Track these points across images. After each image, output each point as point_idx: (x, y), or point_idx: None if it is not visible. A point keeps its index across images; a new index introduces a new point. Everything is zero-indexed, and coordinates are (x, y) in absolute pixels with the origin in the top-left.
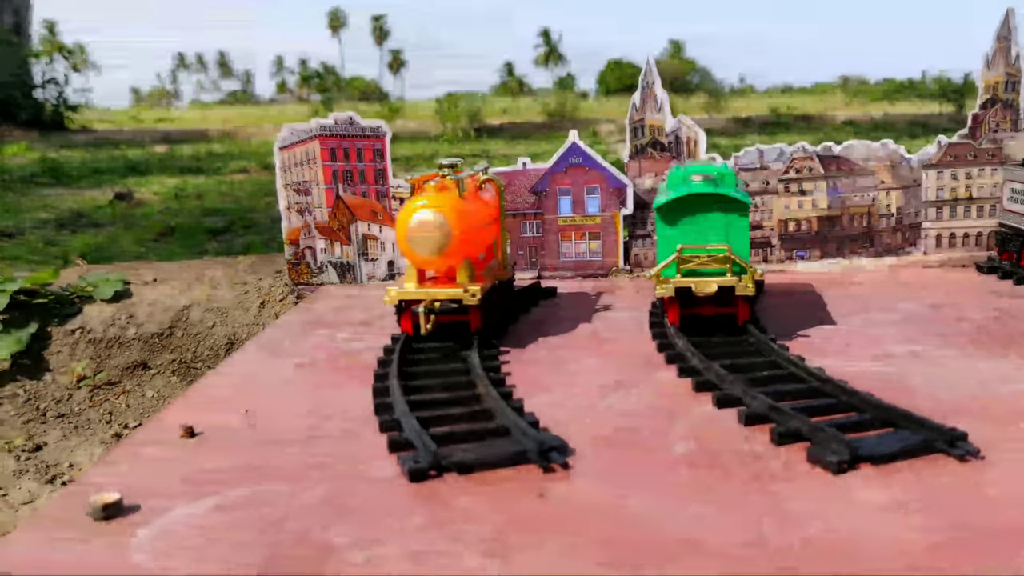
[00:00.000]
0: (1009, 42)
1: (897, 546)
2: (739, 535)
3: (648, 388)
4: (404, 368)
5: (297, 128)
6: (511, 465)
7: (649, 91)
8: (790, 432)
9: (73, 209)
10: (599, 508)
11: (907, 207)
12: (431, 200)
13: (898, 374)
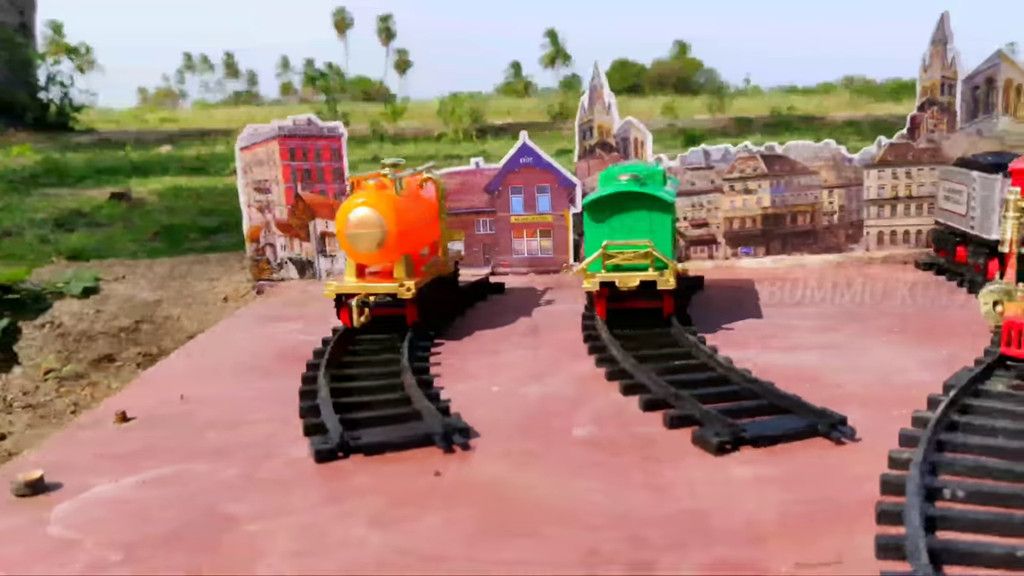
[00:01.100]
0: (945, 46)
1: (749, 516)
2: (610, 508)
3: (566, 377)
4: (336, 359)
5: (258, 129)
6: (417, 447)
7: (597, 93)
8: (683, 417)
9: (72, 209)
10: (488, 485)
11: (849, 205)
12: (369, 198)
13: (809, 364)
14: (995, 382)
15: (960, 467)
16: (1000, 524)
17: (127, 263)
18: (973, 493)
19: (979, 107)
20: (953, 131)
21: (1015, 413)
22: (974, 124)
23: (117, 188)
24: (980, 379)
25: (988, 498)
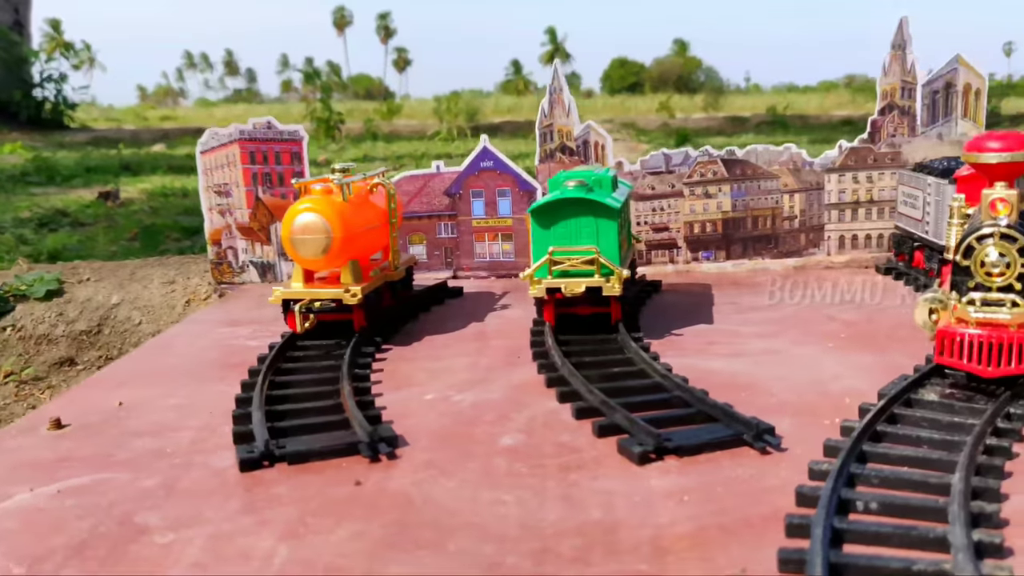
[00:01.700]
0: (904, 51)
1: (659, 529)
2: (523, 520)
3: (505, 384)
4: (278, 364)
5: (218, 132)
6: (343, 456)
7: (557, 96)
8: (610, 426)
9: (57, 208)
10: (406, 495)
11: (810, 209)
12: (314, 204)
13: (747, 371)
14: (928, 391)
15: (877, 479)
16: (901, 537)
17: (93, 265)
18: (886, 505)
19: (939, 111)
20: (914, 135)
21: (941, 423)
22: (934, 128)
23: (105, 187)
24: (913, 388)
25: (899, 510)
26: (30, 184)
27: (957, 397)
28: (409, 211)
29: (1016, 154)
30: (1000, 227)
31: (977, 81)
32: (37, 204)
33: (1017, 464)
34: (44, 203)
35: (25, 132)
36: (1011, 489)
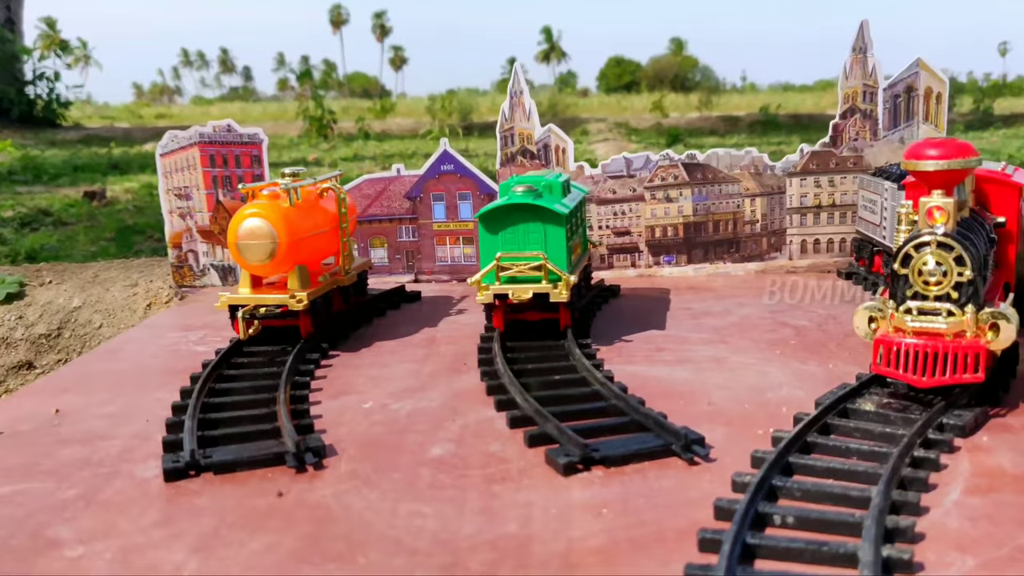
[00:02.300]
0: (865, 54)
1: (571, 543)
2: (438, 533)
3: (447, 391)
4: (220, 371)
5: (177, 135)
6: (270, 466)
7: (518, 100)
8: (541, 435)
9: (41, 207)
10: (326, 507)
11: (772, 214)
12: (260, 209)
13: (689, 378)
14: (866, 401)
15: (800, 492)
16: (813, 553)
17: (57, 267)
18: (803, 520)
19: (900, 115)
20: (876, 139)
21: (873, 434)
22: (896, 132)
23: (91, 187)
24: (851, 397)
25: (816, 525)
26: (16, 183)
27: (893, 407)
28: (369, 214)
29: (953, 162)
30: (937, 235)
31: (938, 85)
32: (21, 203)
33: (943, 476)
34: (28, 202)
35: (16, 130)
36: (933, 502)
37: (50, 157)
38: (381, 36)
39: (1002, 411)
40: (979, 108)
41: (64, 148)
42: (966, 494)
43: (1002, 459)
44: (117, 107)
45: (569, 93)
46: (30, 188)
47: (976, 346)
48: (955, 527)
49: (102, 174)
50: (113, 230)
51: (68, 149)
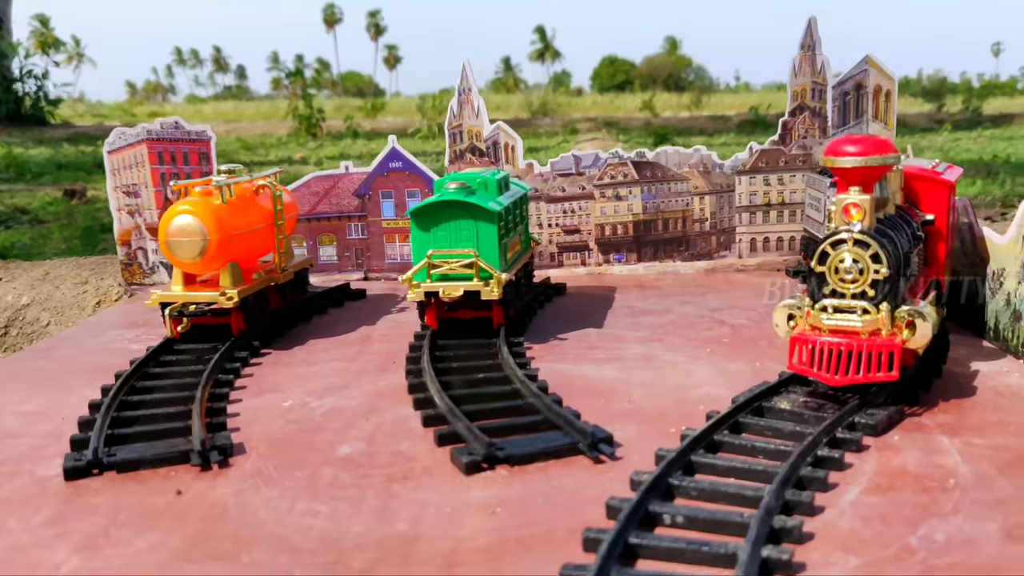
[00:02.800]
0: (814, 51)
1: (458, 542)
2: (327, 532)
3: (369, 389)
4: (145, 369)
5: (125, 132)
6: (175, 464)
7: (466, 97)
8: (451, 434)
9: (20, 206)
10: (222, 505)
11: (721, 212)
12: (191, 206)
13: (614, 376)
14: (783, 399)
15: (695, 491)
16: (694, 554)
17: (9, 264)
18: (692, 519)
19: (850, 112)
20: (825, 136)
21: (783, 432)
22: (845, 129)
23: (73, 185)
24: (766, 395)
25: (704, 525)
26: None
27: (809, 406)
28: (318, 212)
29: (870, 158)
30: (854, 233)
31: (887, 83)
32: (1, 201)
33: (846, 476)
34: (8, 200)
35: (3, 128)
36: (830, 502)
37: (35, 155)
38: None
39: (919, 410)
40: (968, 108)
41: (51, 146)
42: (865, 493)
43: (908, 459)
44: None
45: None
46: (11, 186)
47: (891, 345)
48: (846, 527)
49: (87, 172)
50: (83, 228)
51: (54, 147)
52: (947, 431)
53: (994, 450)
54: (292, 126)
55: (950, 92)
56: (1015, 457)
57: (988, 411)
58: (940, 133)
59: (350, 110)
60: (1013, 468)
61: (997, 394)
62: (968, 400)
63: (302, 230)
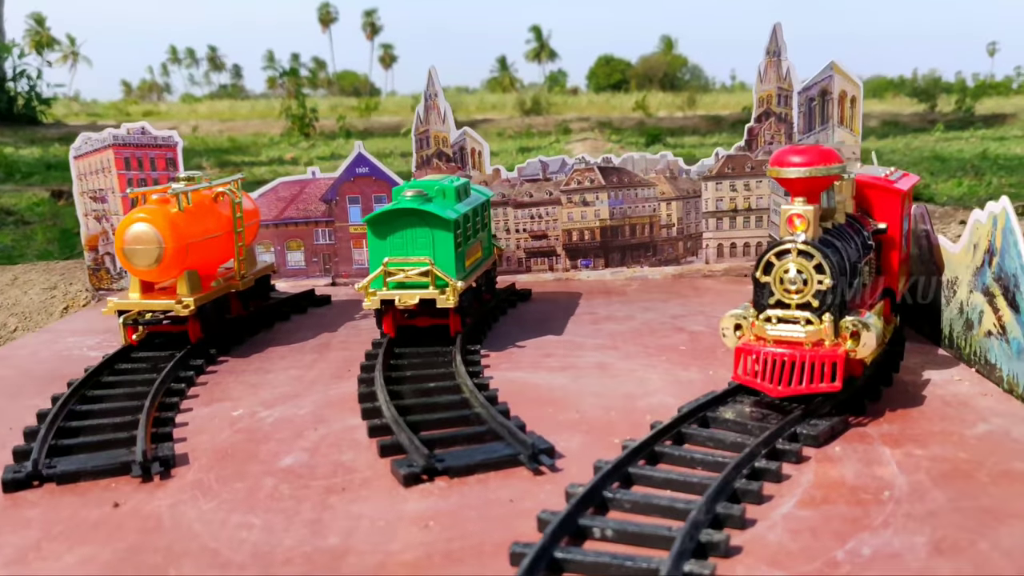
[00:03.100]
0: (779, 57)
1: (387, 556)
2: (258, 545)
3: (321, 399)
4: (99, 378)
5: (91, 137)
6: (116, 475)
7: (432, 103)
8: (394, 445)
9: (6, 206)
10: (158, 518)
11: (687, 217)
12: (147, 214)
13: (566, 385)
14: (728, 409)
15: (628, 503)
16: (618, 568)
17: None
18: (621, 533)
19: (815, 118)
20: (791, 142)
21: (724, 443)
22: (811, 135)
23: (61, 185)
24: (712, 405)
25: (632, 538)
26: None
27: (753, 416)
28: (285, 217)
29: (814, 169)
30: (797, 243)
31: (852, 88)
32: None
33: (783, 487)
34: None
35: None
36: (763, 515)
37: (25, 155)
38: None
39: (865, 420)
40: (961, 108)
41: (42, 146)
42: (799, 506)
43: (847, 470)
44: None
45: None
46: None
47: (833, 355)
48: (775, 540)
49: None
50: (74, 229)
51: (45, 147)
52: (889, 442)
53: (932, 461)
54: (285, 126)
55: (944, 91)
56: (952, 468)
57: (933, 421)
58: (932, 133)
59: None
60: (949, 479)
61: (944, 403)
62: (915, 410)
63: (270, 235)
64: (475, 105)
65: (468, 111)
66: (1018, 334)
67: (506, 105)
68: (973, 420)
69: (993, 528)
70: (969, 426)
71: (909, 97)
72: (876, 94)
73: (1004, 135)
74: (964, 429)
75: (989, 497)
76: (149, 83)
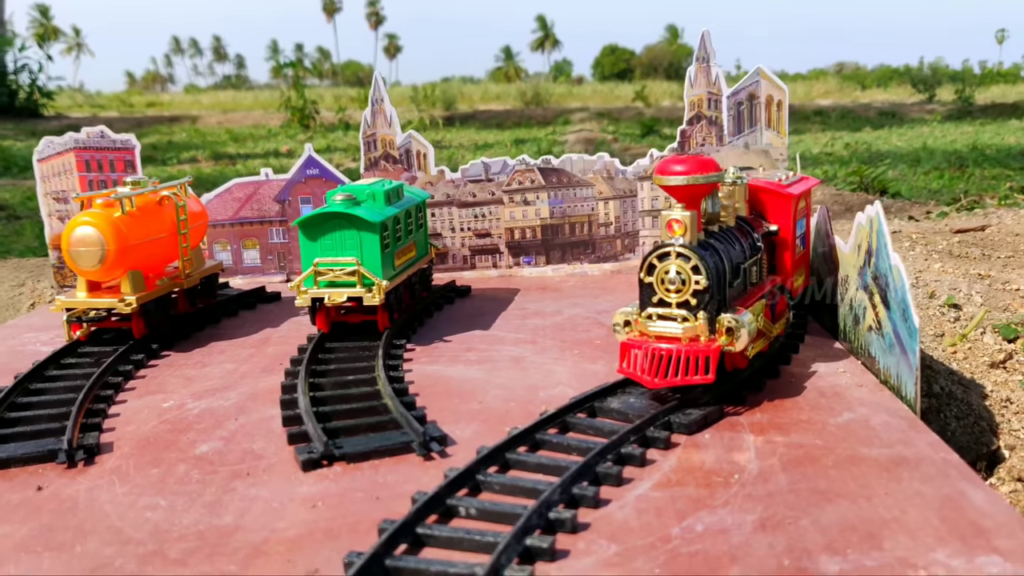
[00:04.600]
0: (708, 64)
1: (272, 533)
2: (159, 524)
3: (248, 391)
4: (44, 371)
5: (53, 141)
6: (44, 462)
7: (379, 107)
8: (300, 434)
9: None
10: (74, 500)
11: (624, 216)
12: (91, 218)
13: (476, 378)
14: (615, 399)
15: (497, 485)
16: (469, 541)
17: None
18: (483, 511)
19: (744, 121)
20: (722, 144)
21: (602, 430)
22: (741, 137)
23: None
24: (600, 396)
25: (494, 516)
26: None
27: (636, 406)
28: (240, 217)
29: (693, 177)
30: (675, 247)
31: (778, 93)
32: None
33: (645, 471)
34: None
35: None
36: (618, 496)
37: (23, 149)
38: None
39: (741, 409)
40: (960, 98)
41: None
42: (654, 488)
43: (708, 456)
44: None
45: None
46: None
47: (707, 350)
48: (620, 519)
49: None
50: None
51: None
52: (755, 430)
53: (788, 447)
54: (285, 117)
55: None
56: (804, 454)
57: (804, 410)
58: (930, 124)
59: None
60: (797, 464)
61: (820, 394)
62: (790, 400)
63: (226, 234)
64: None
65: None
66: (889, 329)
67: (509, 95)
68: (840, 410)
69: (819, 507)
70: (834, 415)
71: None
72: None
73: (1001, 126)
74: (829, 418)
75: (827, 479)
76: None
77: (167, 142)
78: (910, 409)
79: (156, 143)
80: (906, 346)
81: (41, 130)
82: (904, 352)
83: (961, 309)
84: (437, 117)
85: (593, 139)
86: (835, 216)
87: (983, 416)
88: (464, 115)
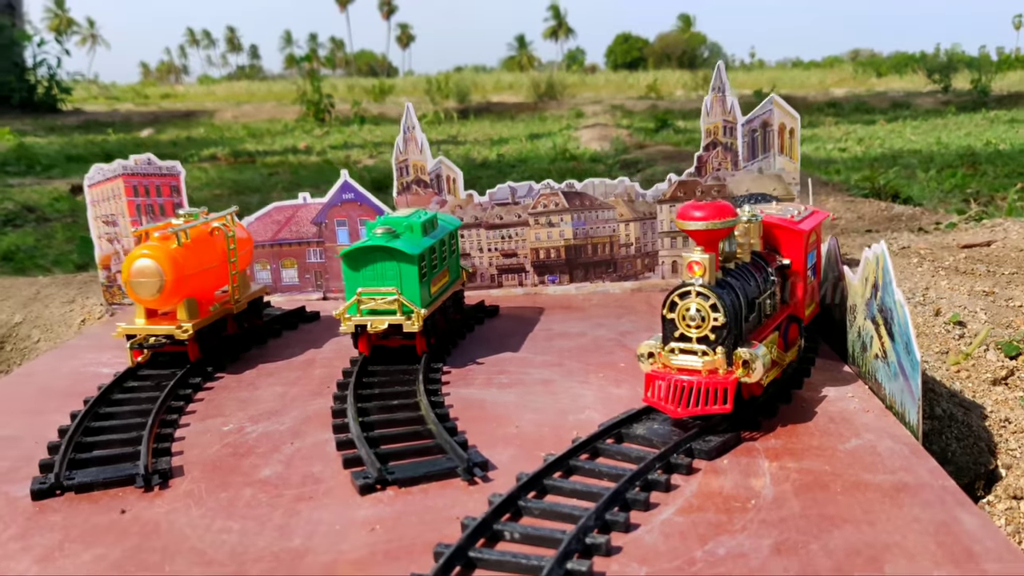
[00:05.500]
0: (724, 94)
1: (335, 556)
2: (235, 546)
3: (300, 415)
4: (110, 396)
5: (103, 168)
6: (122, 486)
7: (411, 134)
8: (355, 458)
9: (28, 203)
10: (156, 523)
11: (644, 237)
12: (150, 251)
13: (510, 402)
14: (640, 426)
15: (537, 511)
16: (514, 565)
17: (4, 283)
18: (527, 536)
19: (758, 147)
20: (737, 169)
21: (630, 456)
22: (755, 163)
23: (80, 179)
24: (627, 423)
25: (536, 540)
26: (9, 174)
27: (660, 432)
28: (280, 238)
29: (711, 223)
30: (695, 287)
31: (790, 121)
32: (10, 197)
33: (669, 496)
34: (18, 196)
35: (17, 116)
36: (646, 520)
37: (45, 146)
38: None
39: (756, 435)
40: (975, 88)
41: (62, 135)
42: (678, 513)
43: (726, 481)
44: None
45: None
46: (22, 180)
47: (725, 382)
48: (649, 542)
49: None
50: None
51: (65, 136)
52: (770, 455)
53: (800, 473)
54: (300, 111)
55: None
56: (814, 480)
57: (815, 436)
58: (944, 116)
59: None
60: (808, 490)
61: (829, 419)
62: (802, 425)
63: (266, 255)
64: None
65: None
66: (894, 359)
67: (522, 85)
68: (848, 435)
69: (828, 532)
70: (843, 441)
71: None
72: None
73: (1015, 117)
74: (838, 444)
75: (835, 505)
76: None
77: (186, 138)
78: (912, 435)
79: (175, 139)
80: (909, 378)
81: (59, 125)
82: (907, 381)
83: (966, 326)
84: (451, 110)
85: (608, 135)
86: (846, 229)
87: (982, 437)
88: (478, 107)
